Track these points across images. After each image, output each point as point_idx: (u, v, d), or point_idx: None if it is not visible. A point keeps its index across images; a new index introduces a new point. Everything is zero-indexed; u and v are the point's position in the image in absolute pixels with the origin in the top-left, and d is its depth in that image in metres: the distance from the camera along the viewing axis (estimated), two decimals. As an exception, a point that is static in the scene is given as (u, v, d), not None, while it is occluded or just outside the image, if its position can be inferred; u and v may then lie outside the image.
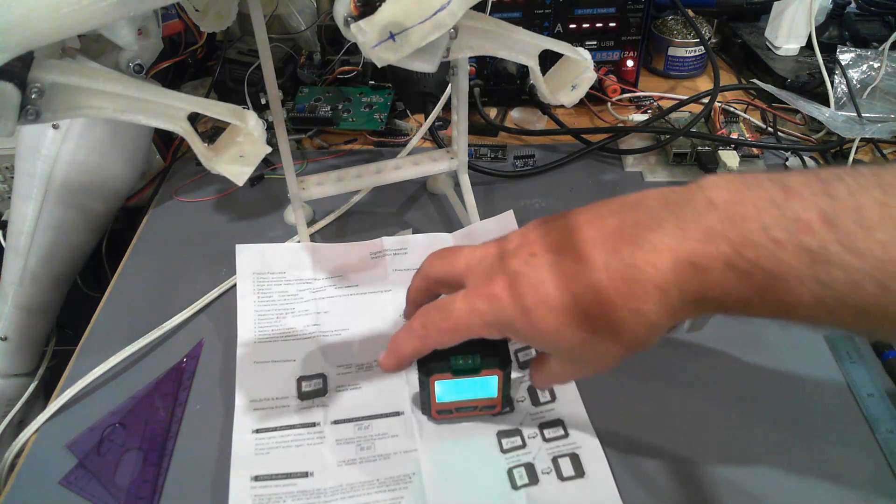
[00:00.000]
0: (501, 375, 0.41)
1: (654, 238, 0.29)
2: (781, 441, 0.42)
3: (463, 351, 0.39)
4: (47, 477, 0.42)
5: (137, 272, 0.57)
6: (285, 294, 0.53)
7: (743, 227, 0.27)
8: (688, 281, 0.29)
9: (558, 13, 0.70)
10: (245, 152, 0.40)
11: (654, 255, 0.29)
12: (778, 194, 0.27)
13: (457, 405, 0.43)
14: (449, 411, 0.43)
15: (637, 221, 0.31)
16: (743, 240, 0.27)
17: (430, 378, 0.40)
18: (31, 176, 0.56)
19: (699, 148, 0.66)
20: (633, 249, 0.30)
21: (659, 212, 0.30)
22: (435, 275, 0.39)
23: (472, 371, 0.40)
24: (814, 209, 0.26)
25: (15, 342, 0.60)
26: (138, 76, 0.57)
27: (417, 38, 0.34)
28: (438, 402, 0.42)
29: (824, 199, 0.26)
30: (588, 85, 0.47)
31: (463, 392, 0.42)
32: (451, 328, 0.36)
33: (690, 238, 0.29)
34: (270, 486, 0.41)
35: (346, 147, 0.70)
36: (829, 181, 0.27)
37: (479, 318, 0.34)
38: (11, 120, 0.32)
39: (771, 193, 0.28)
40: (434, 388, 0.41)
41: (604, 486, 0.40)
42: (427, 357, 0.39)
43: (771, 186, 0.28)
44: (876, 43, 0.77)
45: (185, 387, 0.47)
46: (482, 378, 0.40)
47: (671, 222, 0.29)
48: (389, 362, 0.40)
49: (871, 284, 0.25)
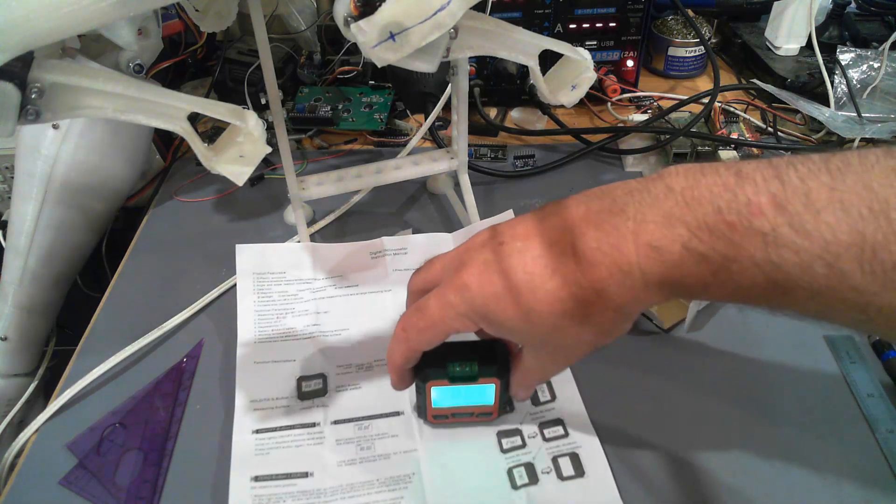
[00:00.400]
0: (499, 384, 0.40)
1: (617, 222, 0.31)
2: (781, 441, 0.42)
3: (461, 358, 0.39)
4: (47, 477, 0.42)
5: (137, 272, 0.57)
6: (285, 294, 0.53)
7: (698, 210, 0.28)
8: (649, 263, 0.30)
9: (558, 13, 0.70)
10: (245, 152, 0.40)
11: (616, 238, 0.30)
12: (731, 180, 0.28)
13: (453, 411, 0.42)
14: (445, 416, 0.43)
15: (602, 208, 0.32)
16: (698, 222, 0.28)
17: (426, 384, 0.40)
18: (31, 176, 0.56)
19: (699, 148, 0.66)
20: (597, 233, 0.31)
21: (622, 199, 0.31)
22: (416, 288, 0.39)
23: (470, 378, 0.39)
24: (765, 193, 0.27)
25: (15, 342, 0.60)
26: (138, 76, 0.57)
27: (417, 38, 0.34)
28: (434, 408, 0.42)
29: (775, 183, 0.27)
30: (588, 85, 0.47)
31: (460, 399, 0.41)
32: (428, 325, 0.36)
33: (650, 221, 0.30)
34: (270, 486, 0.41)
35: (346, 147, 0.70)
36: (780, 167, 0.28)
37: (451, 310, 0.35)
38: (11, 120, 0.32)
39: (725, 179, 0.28)
40: (430, 394, 0.41)
41: (604, 485, 0.40)
42: (425, 362, 0.39)
43: (725, 173, 0.29)
44: (876, 43, 0.77)
45: (185, 387, 0.47)
46: (479, 386, 0.40)
47: (633, 207, 0.30)
48: (392, 377, 0.40)
49: (820, 265, 0.26)
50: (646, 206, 0.30)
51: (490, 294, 0.33)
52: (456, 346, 0.40)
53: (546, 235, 0.33)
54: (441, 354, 0.39)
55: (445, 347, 0.38)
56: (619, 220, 0.30)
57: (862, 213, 0.25)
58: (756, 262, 0.27)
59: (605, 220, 0.31)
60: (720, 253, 0.28)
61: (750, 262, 0.27)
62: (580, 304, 0.31)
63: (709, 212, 0.28)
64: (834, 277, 0.26)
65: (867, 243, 0.25)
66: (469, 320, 0.35)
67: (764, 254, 0.27)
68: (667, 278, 0.30)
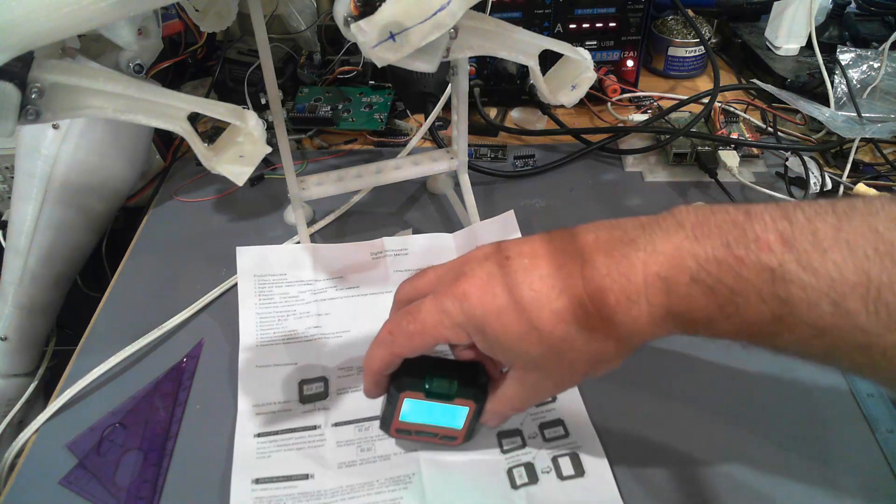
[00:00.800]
0: (473, 408, 0.38)
1: (627, 251, 0.31)
2: (781, 441, 0.42)
3: (441, 373, 0.38)
4: (47, 477, 0.42)
5: (137, 272, 0.57)
6: (286, 296, 0.53)
7: (707, 244, 0.29)
8: (656, 294, 0.30)
9: (558, 13, 0.70)
10: (245, 152, 0.40)
11: (626, 267, 0.31)
12: (740, 217, 0.29)
13: (419, 428, 0.40)
14: (409, 432, 0.41)
15: (612, 237, 0.32)
16: (707, 255, 0.29)
17: (400, 393, 0.38)
18: (31, 176, 0.56)
19: (699, 148, 0.66)
20: (607, 260, 0.31)
21: (633, 231, 0.32)
22: (404, 297, 0.39)
23: (446, 397, 0.38)
24: (773, 231, 0.28)
25: (15, 342, 0.60)
26: (138, 76, 0.57)
27: (417, 38, 0.34)
28: (401, 421, 0.40)
29: (783, 223, 0.28)
30: (588, 85, 0.47)
31: (430, 416, 0.39)
32: (418, 330, 0.35)
33: (660, 253, 0.30)
34: (271, 488, 0.41)
35: (346, 147, 0.70)
36: (787, 208, 0.28)
37: (447, 317, 0.34)
38: (11, 120, 0.32)
39: (734, 217, 0.29)
40: (402, 406, 0.39)
41: (604, 485, 0.40)
42: (403, 370, 0.38)
43: (735, 211, 0.30)
44: (876, 43, 0.77)
45: (185, 387, 0.47)
46: (453, 406, 0.38)
47: (644, 239, 0.31)
48: (366, 383, 0.39)
49: (826, 303, 0.26)
50: (657, 238, 0.30)
51: (492, 307, 0.33)
52: (437, 362, 0.39)
53: (555, 257, 0.33)
54: (420, 366, 0.38)
55: (426, 360, 0.37)
56: (630, 250, 0.31)
57: (868, 253, 0.26)
58: (763, 298, 0.28)
59: (616, 248, 0.31)
60: (727, 286, 0.28)
61: (757, 298, 0.28)
62: (584, 329, 0.31)
63: (717, 245, 0.29)
64: (839, 316, 0.26)
65: (873, 283, 0.25)
66: (463, 331, 0.34)
67: (771, 289, 0.27)
68: (673, 310, 0.30)
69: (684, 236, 0.30)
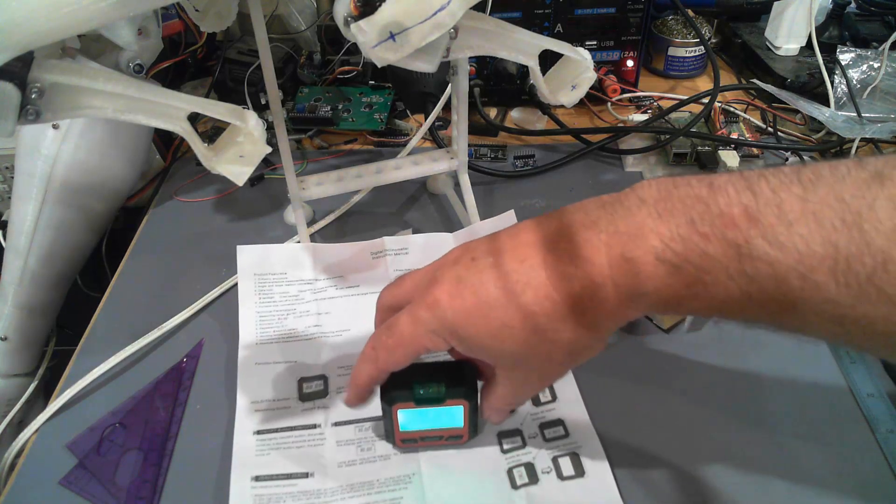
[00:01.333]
0: (467, 406, 0.39)
1: (589, 235, 0.30)
2: (781, 441, 0.42)
3: (427, 379, 0.38)
4: (47, 477, 0.42)
5: (137, 272, 0.57)
6: (286, 295, 0.53)
7: (671, 221, 0.28)
8: (622, 276, 0.29)
9: (558, 13, 0.70)
10: (245, 152, 0.40)
11: (589, 251, 0.30)
12: (704, 191, 0.28)
13: (421, 434, 0.41)
14: (414, 440, 0.41)
15: (573, 221, 0.31)
16: (671, 233, 0.28)
17: (392, 407, 0.39)
18: (31, 176, 0.56)
19: (699, 148, 0.66)
20: (569, 246, 0.31)
21: (594, 212, 0.31)
22: (385, 304, 0.39)
23: (436, 401, 0.38)
24: (738, 205, 0.27)
25: (15, 342, 0.60)
26: (138, 76, 0.57)
27: (417, 38, 0.34)
28: (402, 431, 0.41)
29: (747, 195, 0.27)
30: (588, 85, 0.47)
31: (427, 421, 0.40)
32: (398, 343, 0.35)
33: (623, 233, 0.29)
34: (271, 486, 0.41)
35: (346, 147, 0.70)
36: (752, 179, 0.28)
37: (422, 327, 0.34)
38: (11, 120, 0.32)
39: (697, 191, 0.28)
40: (397, 417, 0.40)
41: (604, 485, 0.40)
42: (391, 384, 0.38)
43: (698, 185, 0.29)
44: (876, 43, 0.77)
45: (185, 387, 0.47)
46: (447, 408, 0.39)
47: (605, 220, 0.30)
48: (349, 395, 0.39)
49: (794, 277, 0.26)
50: (618, 217, 0.30)
51: (461, 310, 0.33)
52: (422, 367, 0.39)
53: (517, 251, 0.32)
54: (407, 375, 0.38)
55: (412, 368, 0.37)
56: (592, 234, 0.30)
57: (835, 224, 0.25)
58: (730, 275, 0.27)
59: (578, 232, 0.31)
60: (693, 264, 0.28)
61: (724, 275, 0.27)
62: (553, 319, 0.31)
63: (682, 223, 0.28)
64: (809, 290, 0.26)
65: (840, 255, 0.25)
66: (440, 338, 0.34)
67: (738, 266, 0.27)
68: (640, 291, 0.29)
69: (647, 213, 0.29)
